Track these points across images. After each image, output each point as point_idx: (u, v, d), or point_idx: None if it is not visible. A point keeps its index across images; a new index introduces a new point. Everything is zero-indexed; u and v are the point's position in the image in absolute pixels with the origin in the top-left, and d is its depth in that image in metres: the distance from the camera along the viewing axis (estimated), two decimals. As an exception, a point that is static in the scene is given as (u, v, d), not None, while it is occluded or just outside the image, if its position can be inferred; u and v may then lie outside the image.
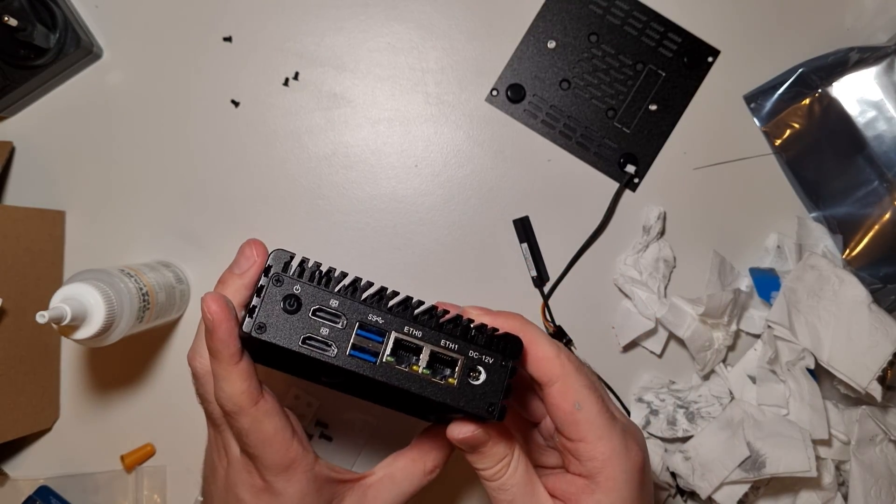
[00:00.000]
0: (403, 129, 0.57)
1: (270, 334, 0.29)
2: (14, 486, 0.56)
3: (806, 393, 0.52)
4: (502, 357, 0.31)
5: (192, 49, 0.57)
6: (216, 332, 0.30)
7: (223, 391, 0.31)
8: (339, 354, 0.30)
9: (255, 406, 0.31)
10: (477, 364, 0.31)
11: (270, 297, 0.29)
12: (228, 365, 0.31)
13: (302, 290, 0.30)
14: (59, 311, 0.40)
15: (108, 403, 0.57)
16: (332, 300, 0.30)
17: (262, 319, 0.29)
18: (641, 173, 0.57)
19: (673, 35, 0.57)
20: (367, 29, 0.57)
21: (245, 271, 0.32)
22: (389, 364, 0.30)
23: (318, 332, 0.30)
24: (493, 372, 0.31)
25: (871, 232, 0.55)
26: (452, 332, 0.31)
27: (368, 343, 0.30)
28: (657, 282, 0.55)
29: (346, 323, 0.30)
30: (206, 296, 0.30)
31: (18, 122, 0.56)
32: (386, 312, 0.31)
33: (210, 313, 0.30)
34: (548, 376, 0.32)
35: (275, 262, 0.30)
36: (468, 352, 0.31)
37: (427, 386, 0.30)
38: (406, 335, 0.31)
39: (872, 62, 0.54)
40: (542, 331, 0.33)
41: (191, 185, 0.57)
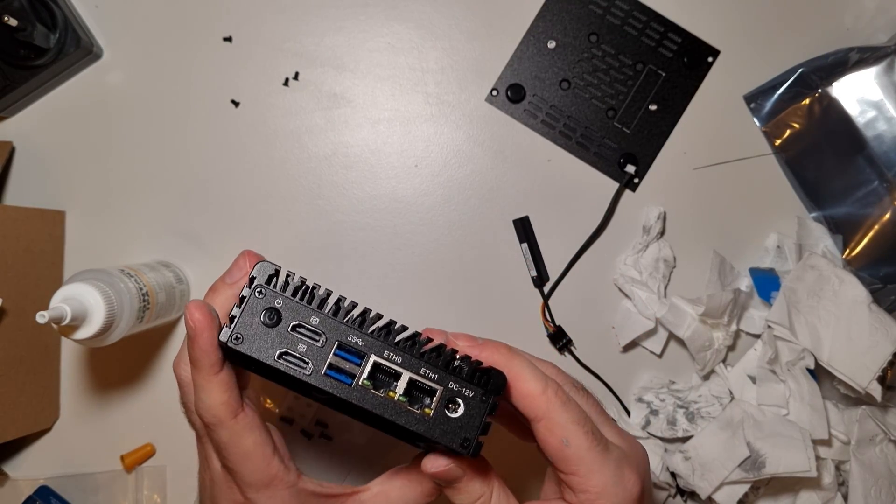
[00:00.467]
0: (403, 129, 0.57)
1: (246, 346, 0.29)
2: (14, 486, 0.56)
3: (806, 393, 0.52)
4: (483, 392, 0.30)
5: (192, 49, 0.57)
6: (197, 341, 0.30)
7: (202, 402, 0.31)
8: (314, 373, 0.29)
9: (234, 419, 0.31)
10: (456, 396, 0.30)
11: (251, 309, 0.29)
12: (208, 375, 0.30)
13: (283, 304, 0.29)
14: (59, 311, 0.40)
15: (108, 403, 0.57)
16: (314, 317, 0.29)
17: (240, 331, 0.29)
18: (641, 173, 0.57)
19: (673, 35, 0.57)
20: (367, 29, 0.57)
21: (236, 281, 0.32)
22: (365, 388, 0.29)
23: (296, 349, 0.29)
24: (472, 406, 0.30)
25: (871, 232, 0.55)
26: (434, 361, 0.30)
27: (346, 364, 0.29)
28: (657, 282, 0.55)
29: (325, 342, 0.29)
30: (189, 304, 0.30)
31: (18, 122, 0.56)
32: (367, 335, 0.30)
33: (192, 321, 0.30)
34: (533, 413, 0.31)
35: (259, 273, 0.30)
36: (448, 383, 0.30)
37: (402, 414, 0.30)
38: (385, 360, 0.30)
39: (872, 62, 0.54)
40: (528, 363, 0.32)
41: (191, 185, 0.57)
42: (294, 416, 0.56)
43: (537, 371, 0.31)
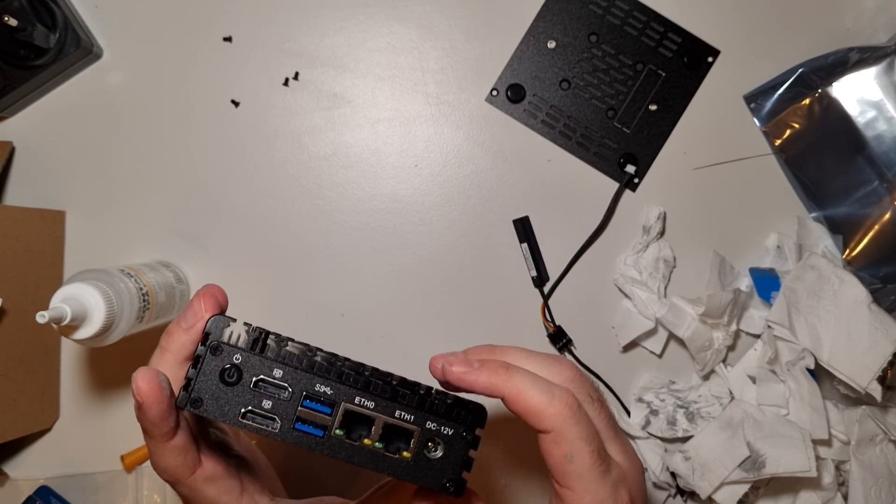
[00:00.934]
0: (403, 129, 0.57)
1: (207, 408, 0.27)
2: (14, 486, 0.56)
3: (806, 393, 0.52)
4: (463, 427, 0.29)
5: (192, 49, 0.57)
6: (147, 414, 0.28)
7: (157, 464, 0.30)
8: (283, 428, 0.28)
9: (191, 476, 0.30)
10: (435, 436, 0.29)
11: (208, 368, 0.27)
12: (161, 443, 0.30)
13: (243, 359, 0.28)
14: (59, 311, 0.40)
15: (108, 403, 0.57)
16: (276, 369, 0.28)
17: (198, 393, 0.27)
18: (641, 173, 0.57)
19: (673, 35, 0.57)
20: (367, 29, 0.57)
21: (192, 326, 0.31)
22: (339, 438, 0.28)
23: (260, 405, 0.28)
24: (452, 444, 0.29)
25: (871, 232, 0.55)
26: (409, 400, 0.29)
27: (316, 415, 0.28)
28: (657, 282, 0.55)
29: (292, 394, 0.28)
30: (136, 373, 0.28)
31: (18, 122, 0.56)
32: (336, 382, 0.28)
33: (139, 395, 0.28)
34: (540, 427, 0.30)
35: (213, 329, 0.28)
36: (425, 423, 0.29)
37: (380, 461, 0.28)
38: (357, 406, 0.28)
39: (872, 62, 0.54)
40: (530, 376, 0.30)
41: (191, 185, 0.57)
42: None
43: (541, 384, 0.30)
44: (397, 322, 0.57)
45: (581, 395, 0.31)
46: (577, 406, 0.30)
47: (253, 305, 0.57)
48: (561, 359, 0.33)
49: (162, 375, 0.29)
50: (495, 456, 0.57)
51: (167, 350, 0.31)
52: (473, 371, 0.30)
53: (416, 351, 0.57)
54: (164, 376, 0.29)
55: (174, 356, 0.31)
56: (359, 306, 0.57)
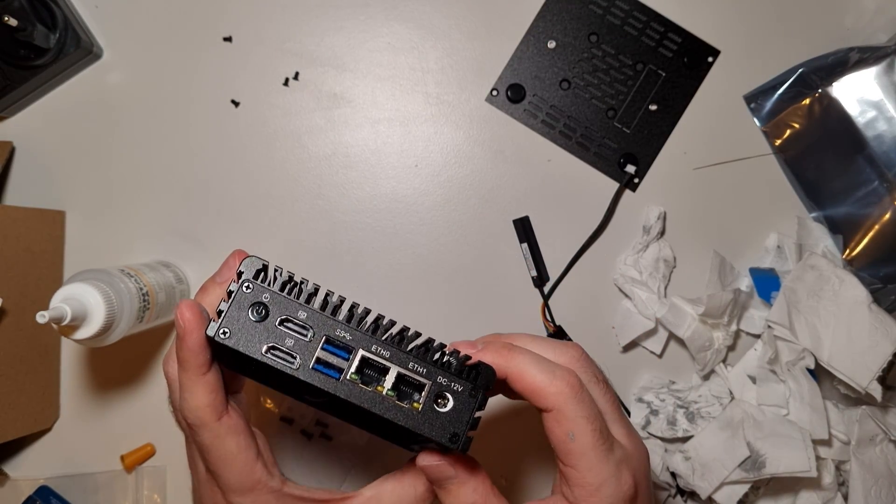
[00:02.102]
0: (403, 129, 0.57)
1: (234, 340, 0.29)
2: (14, 486, 0.56)
3: (806, 393, 0.52)
4: (473, 387, 0.30)
5: (192, 49, 0.57)
6: (186, 341, 0.30)
7: (186, 402, 0.31)
8: (301, 367, 0.29)
9: (217, 421, 0.31)
10: (445, 391, 0.30)
11: (239, 303, 0.29)
12: (195, 375, 0.30)
13: (271, 298, 0.29)
14: (59, 311, 0.40)
15: (109, 403, 0.57)
16: (301, 312, 0.29)
17: (228, 325, 0.29)
18: (641, 173, 0.57)
19: (673, 35, 0.57)
20: (368, 29, 0.57)
21: (226, 280, 0.32)
22: (353, 382, 0.29)
23: (283, 343, 0.29)
24: (461, 401, 0.30)
25: (872, 232, 0.55)
26: (423, 355, 0.30)
27: (334, 358, 0.29)
28: (657, 282, 0.55)
29: (313, 336, 0.29)
30: (181, 302, 0.30)
31: (18, 122, 0.56)
32: (355, 329, 0.30)
33: (182, 320, 0.30)
34: (542, 405, 0.30)
35: (246, 268, 0.30)
36: (437, 377, 0.30)
37: (391, 408, 0.29)
38: (373, 354, 0.30)
39: (872, 62, 0.54)
40: (533, 356, 0.31)
41: (191, 185, 0.57)
42: (294, 416, 0.56)
43: (543, 364, 0.31)
44: (397, 321, 0.57)
45: (585, 375, 0.32)
46: (580, 385, 0.30)
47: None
48: (568, 342, 0.33)
49: (203, 308, 0.30)
50: (495, 456, 0.57)
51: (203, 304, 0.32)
52: (478, 351, 0.31)
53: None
54: (205, 309, 0.31)
55: (209, 309, 0.32)
56: (359, 306, 0.57)
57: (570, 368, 0.31)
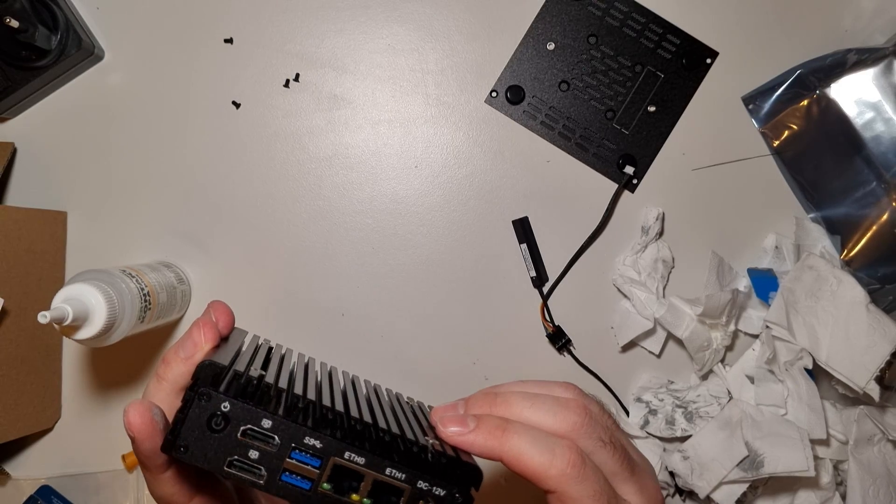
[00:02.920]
0: (403, 130, 0.57)
1: (192, 455, 0.26)
2: (16, 486, 0.56)
3: (804, 393, 0.52)
4: (457, 488, 0.28)
5: (192, 51, 0.57)
6: (139, 448, 0.28)
7: (154, 492, 0.30)
8: (269, 480, 0.27)
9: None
10: (426, 496, 0.28)
11: (195, 415, 0.26)
12: (156, 474, 0.29)
13: (231, 407, 0.26)
14: (60, 312, 0.40)
15: (110, 403, 0.57)
16: (265, 420, 0.27)
17: (185, 440, 0.26)
18: (640, 174, 0.57)
19: (672, 37, 0.57)
20: (368, 30, 0.57)
21: (190, 356, 0.30)
22: (326, 493, 0.27)
23: (247, 455, 0.27)
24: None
25: (870, 232, 0.55)
26: (402, 457, 0.28)
27: (303, 468, 0.27)
28: (656, 282, 0.55)
29: (280, 445, 0.27)
30: (128, 407, 0.28)
31: (20, 123, 0.57)
32: (326, 435, 0.27)
33: (131, 430, 0.28)
34: (543, 488, 0.28)
35: (202, 375, 0.27)
36: (417, 482, 0.27)
37: None
38: (347, 461, 0.27)
39: (870, 63, 0.55)
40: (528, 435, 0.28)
41: (192, 186, 0.57)
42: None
43: (540, 442, 0.28)
44: (397, 322, 0.57)
45: (590, 441, 0.29)
46: (581, 462, 0.28)
47: (253, 306, 0.57)
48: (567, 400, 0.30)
49: (156, 409, 0.29)
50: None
51: (164, 379, 0.30)
52: (469, 433, 0.29)
53: (416, 351, 0.57)
54: (158, 409, 0.29)
55: (171, 386, 0.30)
56: (359, 306, 0.57)
57: (570, 441, 0.28)
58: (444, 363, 0.57)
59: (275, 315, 0.57)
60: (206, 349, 0.30)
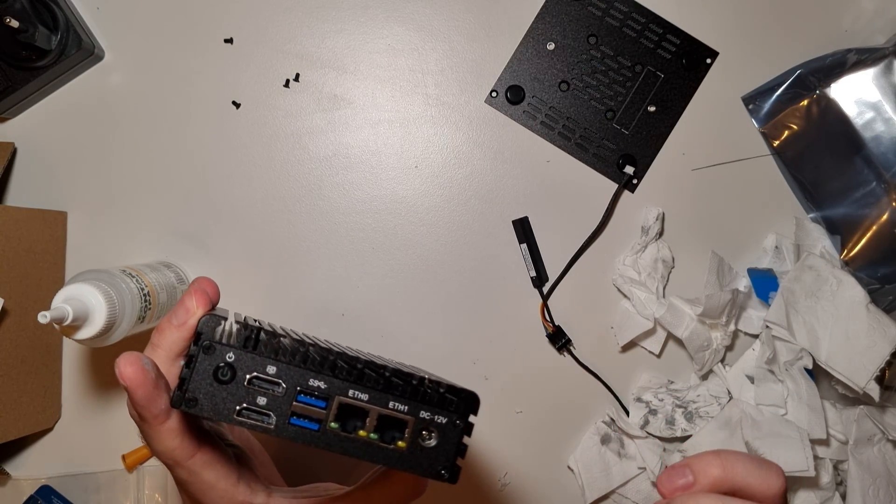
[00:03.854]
0: (403, 130, 0.57)
1: (202, 407, 0.27)
2: (16, 486, 0.56)
3: (804, 393, 0.52)
4: (457, 415, 0.29)
5: (193, 51, 0.57)
6: (134, 396, 0.28)
7: (155, 448, 0.30)
8: (278, 424, 0.28)
9: (191, 459, 0.30)
10: (429, 425, 0.29)
11: (201, 368, 0.27)
12: (155, 426, 0.30)
13: (236, 357, 0.27)
14: (60, 312, 0.40)
15: (110, 403, 0.57)
16: (270, 366, 0.28)
17: (193, 393, 0.27)
18: (640, 174, 0.57)
19: (672, 37, 0.57)
20: (368, 31, 0.57)
21: (183, 323, 0.30)
22: (334, 431, 0.28)
23: (255, 402, 0.27)
24: (446, 431, 0.29)
25: (869, 233, 0.55)
26: (403, 391, 0.29)
27: (310, 410, 0.28)
28: (656, 282, 0.55)
29: (286, 389, 0.28)
30: (119, 359, 0.28)
31: (20, 123, 0.57)
32: (329, 375, 0.28)
33: (123, 379, 0.28)
34: None
35: (205, 328, 0.28)
36: (419, 412, 0.29)
37: (375, 452, 0.28)
38: (351, 399, 0.28)
39: (870, 63, 0.55)
40: None
41: (192, 186, 0.57)
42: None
43: None
44: (397, 322, 0.57)
45: None
46: None
47: (254, 305, 0.57)
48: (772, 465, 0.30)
49: (145, 359, 0.29)
50: (495, 456, 0.57)
51: (158, 347, 0.31)
52: None
53: (416, 351, 0.57)
54: (148, 359, 0.29)
55: (165, 353, 0.31)
56: (359, 306, 0.57)
57: None
58: (444, 363, 0.57)
59: (274, 314, 0.57)
60: (199, 314, 0.30)
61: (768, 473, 0.29)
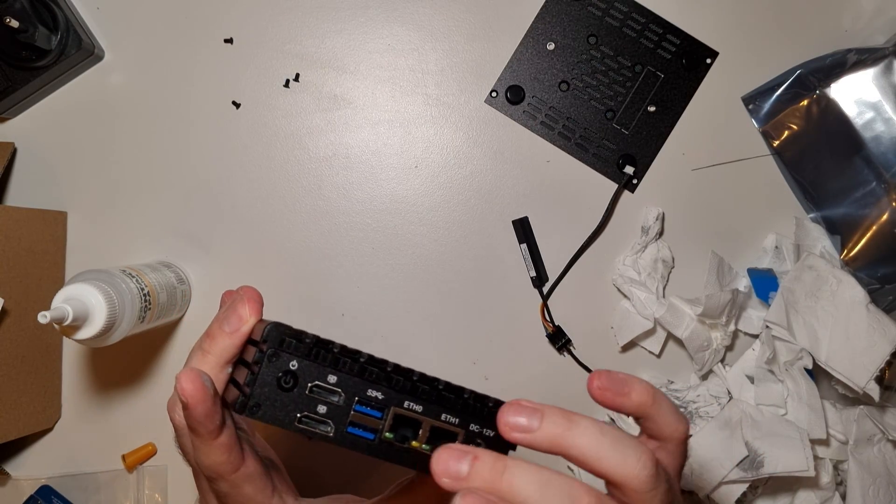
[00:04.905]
0: (403, 130, 0.57)
1: (264, 413, 0.28)
2: (16, 486, 0.56)
3: (804, 393, 0.52)
4: None
5: (193, 51, 0.57)
6: (193, 413, 0.29)
7: (201, 461, 0.30)
8: (336, 432, 0.29)
9: (235, 473, 0.31)
10: (477, 437, 0.30)
11: (266, 375, 0.28)
12: (208, 440, 0.30)
13: (299, 366, 0.28)
14: (60, 312, 0.40)
15: (110, 403, 0.57)
16: (331, 375, 0.29)
17: (256, 399, 0.28)
18: (640, 174, 0.57)
19: (671, 37, 0.57)
20: (368, 31, 0.57)
21: (235, 330, 0.31)
22: (388, 441, 0.29)
23: (315, 410, 0.28)
24: (494, 444, 0.30)
25: (870, 233, 0.55)
26: (454, 404, 0.30)
27: (367, 419, 0.29)
28: (656, 282, 0.55)
29: (344, 399, 0.29)
30: (180, 374, 0.28)
31: (20, 123, 0.57)
32: (385, 387, 0.29)
33: (184, 396, 0.28)
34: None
35: (270, 337, 0.28)
36: (469, 425, 0.30)
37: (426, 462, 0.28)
38: (406, 410, 0.29)
39: (870, 63, 0.55)
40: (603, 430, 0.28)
41: (192, 186, 0.57)
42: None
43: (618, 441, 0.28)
44: (397, 322, 0.57)
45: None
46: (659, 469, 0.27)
47: (253, 306, 0.57)
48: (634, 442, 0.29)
49: (205, 375, 0.29)
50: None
51: (209, 353, 0.31)
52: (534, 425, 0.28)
53: (416, 351, 0.57)
54: (207, 376, 0.29)
55: (216, 359, 0.31)
56: (359, 306, 0.57)
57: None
58: (444, 363, 0.57)
59: (275, 314, 0.57)
60: (252, 322, 0.31)
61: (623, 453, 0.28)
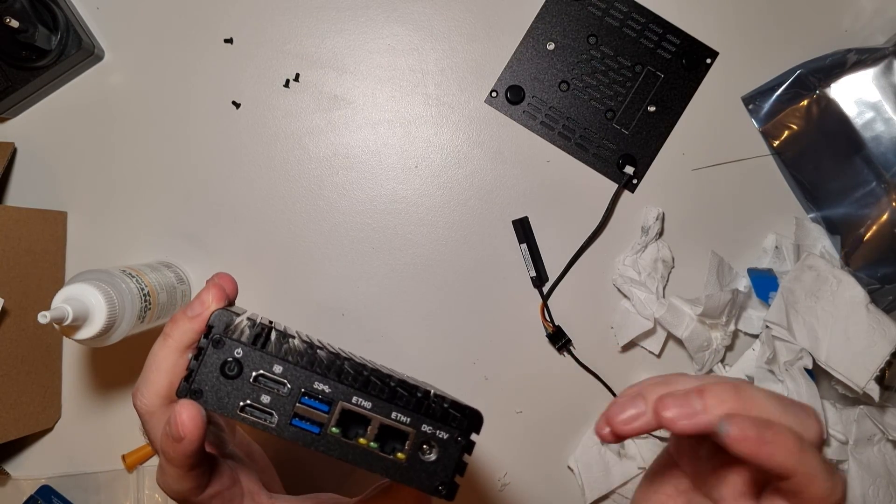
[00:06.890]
0: (403, 130, 0.57)
1: (206, 399, 0.27)
2: (16, 486, 0.56)
3: (804, 393, 0.52)
4: (459, 432, 0.29)
5: (193, 51, 0.57)
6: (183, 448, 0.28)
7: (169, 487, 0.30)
8: (280, 424, 0.28)
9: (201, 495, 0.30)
10: (430, 439, 0.29)
11: (209, 361, 0.28)
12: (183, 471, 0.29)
13: (244, 354, 0.28)
14: (60, 312, 0.40)
15: (110, 403, 0.57)
16: (276, 365, 0.28)
17: (199, 384, 0.27)
18: (640, 174, 0.57)
19: (671, 37, 0.57)
20: (368, 31, 0.57)
21: (197, 315, 0.30)
22: (334, 436, 0.28)
23: (259, 400, 0.28)
24: (447, 447, 0.29)
25: (870, 233, 0.55)
26: (407, 402, 0.29)
27: (313, 412, 0.28)
28: (656, 282, 0.55)
29: (290, 390, 0.28)
30: (180, 406, 0.28)
31: (20, 123, 0.57)
32: (335, 381, 0.28)
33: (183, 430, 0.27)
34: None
35: (216, 322, 0.28)
36: (421, 425, 0.29)
37: (374, 461, 0.28)
38: (354, 406, 0.28)
39: (870, 63, 0.55)
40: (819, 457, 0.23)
41: (192, 186, 0.57)
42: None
43: (826, 465, 0.23)
44: (397, 322, 0.57)
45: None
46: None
47: (254, 306, 0.57)
48: (805, 407, 0.25)
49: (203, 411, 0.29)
50: (495, 456, 0.57)
51: (170, 337, 0.31)
52: (766, 443, 0.22)
53: (416, 350, 0.57)
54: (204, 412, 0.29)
55: (176, 343, 0.31)
56: (359, 306, 0.57)
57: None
58: (444, 363, 0.57)
59: (275, 315, 0.57)
60: (213, 308, 0.30)
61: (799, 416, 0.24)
